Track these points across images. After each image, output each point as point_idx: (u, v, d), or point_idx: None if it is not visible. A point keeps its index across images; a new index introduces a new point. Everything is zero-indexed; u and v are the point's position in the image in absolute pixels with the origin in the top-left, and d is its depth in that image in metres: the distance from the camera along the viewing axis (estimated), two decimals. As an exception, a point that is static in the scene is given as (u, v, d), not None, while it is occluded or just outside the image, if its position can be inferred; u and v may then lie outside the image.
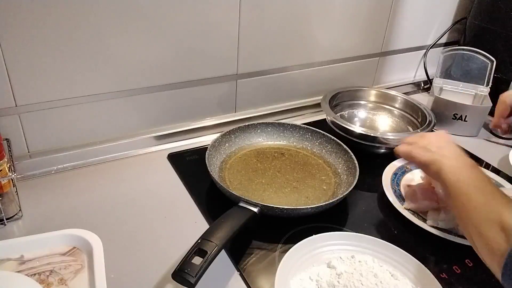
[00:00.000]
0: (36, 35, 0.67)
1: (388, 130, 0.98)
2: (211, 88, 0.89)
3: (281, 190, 0.75)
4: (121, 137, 0.83)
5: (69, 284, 0.53)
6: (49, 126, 0.76)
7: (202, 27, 0.81)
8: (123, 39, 0.74)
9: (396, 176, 0.80)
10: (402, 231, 0.69)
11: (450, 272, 0.62)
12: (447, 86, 1.06)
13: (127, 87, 0.79)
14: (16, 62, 0.68)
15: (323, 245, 0.62)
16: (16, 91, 0.70)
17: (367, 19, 1.02)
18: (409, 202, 0.72)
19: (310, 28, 0.95)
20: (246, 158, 0.82)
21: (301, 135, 0.88)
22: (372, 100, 1.03)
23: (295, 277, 0.57)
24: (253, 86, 0.95)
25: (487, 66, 1.01)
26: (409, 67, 1.21)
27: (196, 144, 0.88)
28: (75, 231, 0.59)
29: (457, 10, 1.18)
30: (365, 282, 0.56)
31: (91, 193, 0.73)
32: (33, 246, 0.57)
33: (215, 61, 0.86)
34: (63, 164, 0.78)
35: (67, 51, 0.71)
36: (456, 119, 0.99)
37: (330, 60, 1.02)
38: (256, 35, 0.88)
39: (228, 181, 0.76)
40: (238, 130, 0.85)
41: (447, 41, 1.23)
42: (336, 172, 0.80)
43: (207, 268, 0.52)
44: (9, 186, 0.64)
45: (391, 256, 0.61)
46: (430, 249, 0.66)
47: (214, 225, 0.58)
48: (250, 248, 0.64)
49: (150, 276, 0.58)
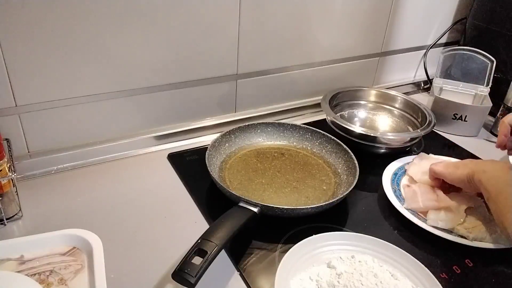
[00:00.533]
0: (36, 35, 0.67)
1: (388, 130, 0.98)
2: (211, 88, 0.89)
3: (281, 190, 0.75)
4: (121, 137, 0.83)
5: (69, 284, 0.53)
6: (49, 126, 0.76)
7: (202, 27, 0.81)
8: (123, 39, 0.74)
9: (396, 176, 0.80)
10: (402, 231, 0.70)
11: (450, 272, 0.62)
12: (447, 86, 1.06)
13: (127, 87, 0.79)
14: (16, 62, 0.68)
15: (323, 245, 0.62)
16: (16, 91, 0.70)
17: (367, 19, 1.02)
18: (409, 202, 0.72)
19: (310, 28, 0.95)
20: (246, 158, 0.82)
21: (301, 135, 0.88)
22: (372, 100, 1.03)
23: (295, 277, 0.57)
24: (253, 86, 0.95)
25: (487, 66, 1.01)
26: (409, 67, 1.21)
27: (196, 144, 0.88)
28: (75, 231, 0.59)
29: (457, 10, 1.18)
30: (365, 282, 0.56)
31: (91, 193, 0.73)
32: (33, 246, 0.57)
33: (215, 61, 0.86)
34: (63, 164, 0.78)
35: (67, 51, 0.71)
36: (456, 119, 0.99)
37: (330, 60, 1.02)
38: (256, 35, 0.88)
39: (228, 181, 0.76)
40: (238, 130, 0.85)
41: (447, 41, 1.23)
42: (336, 172, 0.80)
43: (207, 268, 0.52)
44: (9, 186, 0.64)
45: (391, 256, 0.61)
46: (430, 249, 0.66)
47: (214, 225, 0.58)
48: (250, 248, 0.64)
49: (150, 276, 0.58)
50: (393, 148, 0.88)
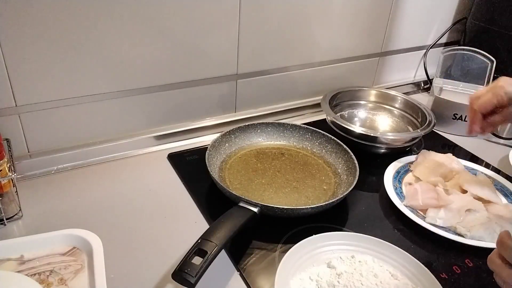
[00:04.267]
0: (36, 35, 0.67)
1: (388, 130, 0.98)
2: (211, 88, 0.89)
3: (281, 190, 0.75)
4: (121, 137, 0.83)
5: (69, 284, 0.53)
6: (49, 126, 0.76)
7: (202, 27, 0.81)
8: (123, 39, 0.74)
9: (399, 175, 0.80)
10: (402, 231, 0.70)
11: (450, 272, 0.62)
12: (447, 86, 1.06)
13: (127, 87, 0.79)
14: (16, 62, 0.68)
15: (323, 245, 0.62)
16: (16, 91, 0.70)
17: (367, 19, 1.02)
18: (409, 200, 0.73)
19: (310, 28, 0.95)
20: (246, 158, 0.82)
21: (301, 135, 0.88)
22: (372, 100, 1.03)
23: (295, 277, 0.57)
24: (253, 86, 0.95)
25: (487, 66, 1.01)
26: (409, 67, 1.21)
27: (196, 144, 0.88)
28: (75, 231, 0.59)
29: (457, 10, 1.18)
30: (365, 282, 0.56)
31: (91, 193, 0.73)
32: (33, 246, 0.57)
33: (215, 61, 0.86)
34: (63, 164, 0.78)
35: (67, 51, 0.71)
36: (456, 119, 0.99)
37: (330, 60, 1.02)
38: (256, 35, 0.88)
39: (228, 181, 0.76)
40: (238, 130, 0.85)
41: (447, 41, 1.23)
42: (336, 172, 0.80)
43: (207, 268, 0.52)
44: (9, 186, 0.64)
45: (391, 256, 0.61)
46: (430, 249, 0.66)
47: (214, 225, 0.58)
48: (250, 248, 0.64)
49: (150, 276, 0.58)
50: (393, 148, 0.88)
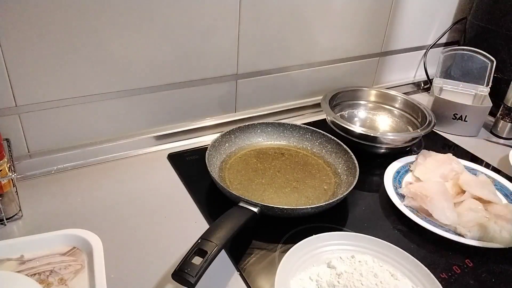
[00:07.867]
0: (36, 35, 0.67)
1: (388, 130, 0.98)
2: (211, 88, 0.89)
3: (281, 190, 0.75)
4: (121, 137, 0.83)
5: (69, 284, 0.53)
6: (49, 126, 0.76)
7: (202, 27, 0.81)
8: (123, 39, 0.74)
9: (399, 175, 0.80)
10: (402, 231, 0.70)
11: (450, 272, 0.62)
12: (447, 86, 1.06)
13: (127, 87, 0.79)
14: (16, 62, 0.68)
15: (323, 245, 0.62)
16: (16, 91, 0.70)
17: (367, 19, 1.02)
18: (409, 200, 0.73)
19: (310, 28, 0.95)
20: (246, 158, 0.82)
21: (301, 135, 0.88)
22: (372, 100, 1.03)
23: (295, 277, 0.57)
24: (253, 86, 0.95)
25: (487, 66, 1.01)
26: (409, 67, 1.21)
27: (196, 144, 0.88)
28: (75, 231, 0.59)
29: (457, 10, 1.18)
30: (365, 282, 0.56)
31: (91, 193, 0.73)
32: (33, 246, 0.57)
33: (215, 61, 0.86)
34: (63, 164, 0.78)
35: (67, 51, 0.71)
36: (456, 119, 0.99)
37: (330, 60, 1.02)
38: (256, 35, 0.88)
39: (228, 181, 0.76)
40: (238, 130, 0.85)
41: (447, 41, 1.23)
42: (336, 172, 0.80)
43: (207, 268, 0.52)
44: (9, 186, 0.64)
45: (391, 256, 0.61)
46: (430, 249, 0.66)
47: (214, 225, 0.58)
48: (250, 248, 0.64)
49: (150, 276, 0.58)
50: (393, 148, 0.88)
